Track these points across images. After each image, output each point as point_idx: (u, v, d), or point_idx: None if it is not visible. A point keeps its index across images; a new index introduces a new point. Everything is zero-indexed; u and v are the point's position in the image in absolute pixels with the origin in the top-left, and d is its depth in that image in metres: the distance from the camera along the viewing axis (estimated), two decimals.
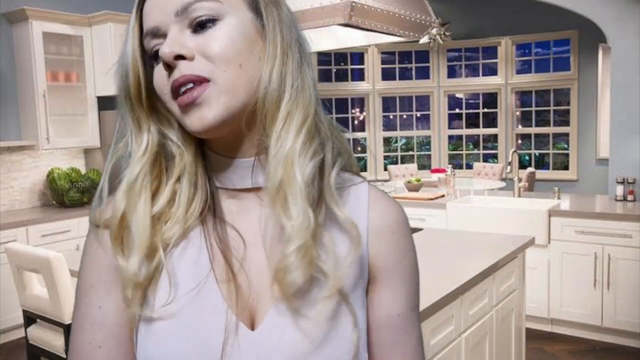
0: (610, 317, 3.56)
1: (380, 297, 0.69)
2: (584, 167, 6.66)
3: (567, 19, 5.50)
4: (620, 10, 3.84)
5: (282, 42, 0.64)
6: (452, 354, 1.99)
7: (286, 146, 0.61)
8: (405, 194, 4.39)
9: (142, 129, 0.65)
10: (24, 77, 4.35)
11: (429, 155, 7.60)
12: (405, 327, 0.70)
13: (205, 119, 0.60)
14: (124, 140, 0.66)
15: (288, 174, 0.61)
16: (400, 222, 0.71)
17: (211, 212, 0.67)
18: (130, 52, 0.63)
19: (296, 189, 0.60)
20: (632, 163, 3.89)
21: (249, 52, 0.62)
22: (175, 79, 0.60)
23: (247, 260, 0.65)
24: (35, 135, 4.33)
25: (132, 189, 0.63)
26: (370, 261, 0.68)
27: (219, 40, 0.60)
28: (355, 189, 0.70)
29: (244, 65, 0.61)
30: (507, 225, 3.58)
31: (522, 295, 2.68)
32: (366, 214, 0.69)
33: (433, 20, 3.28)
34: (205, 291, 0.63)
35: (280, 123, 0.62)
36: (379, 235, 0.69)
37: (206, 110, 0.60)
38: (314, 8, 2.86)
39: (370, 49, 7.29)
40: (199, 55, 0.60)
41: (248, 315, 0.63)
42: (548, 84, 6.89)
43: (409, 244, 0.71)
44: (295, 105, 0.64)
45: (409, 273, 0.71)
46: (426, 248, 2.59)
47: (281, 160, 0.61)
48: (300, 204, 0.60)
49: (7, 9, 4.29)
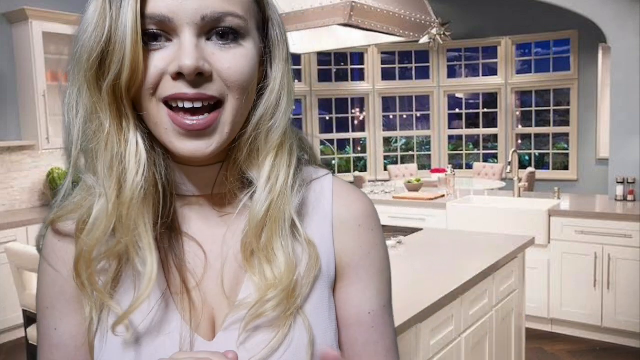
0: (610, 317, 3.56)
1: (348, 295, 0.65)
2: (584, 167, 6.66)
3: (567, 19, 5.50)
4: (620, 10, 3.84)
5: (287, 76, 0.62)
6: (452, 354, 1.99)
7: (280, 181, 0.60)
8: (405, 194, 4.39)
9: (127, 123, 0.57)
10: (24, 77, 4.35)
11: (429, 155, 7.60)
12: (377, 326, 0.66)
13: (208, 149, 0.56)
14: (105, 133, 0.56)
15: (278, 212, 0.59)
16: (367, 215, 0.67)
17: (166, 222, 0.62)
18: (131, 24, 0.52)
19: (285, 230, 0.60)
20: (632, 163, 3.89)
21: (253, 80, 0.59)
22: (185, 92, 0.54)
23: (205, 274, 0.63)
24: (35, 135, 4.33)
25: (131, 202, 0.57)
26: (336, 257, 0.65)
27: (240, 67, 0.56)
28: (318, 184, 0.67)
29: (249, 96, 0.58)
30: (507, 225, 3.58)
31: (522, 295, 2.68)
32: (330, 208, 0.66)
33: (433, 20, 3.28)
34: (161, 309, 0.60)
35: (272, 155, 0.60)
36: (344, 229, 0.65)
37: (211, 140, 0.56)
38: (314, 8, 2.86)
39: (370, 49, 7.29)
40: (217, 75, 0.55)
41: (206, 327, 0.61)
42: (548, 84, 6.89)
43: (376, 237, 0.67)
44: (287, 136, 0.62)
45: (378, 267, 0.67)
46: (426, 248, 2.59)
47: (273, 198, 0.59)
48: (286, 246, 0.59)
49: (7, 9, 4.29)
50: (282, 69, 0.61)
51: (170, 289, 0.61)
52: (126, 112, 0.56)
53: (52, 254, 0.64)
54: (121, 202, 0.56)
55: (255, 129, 0.60)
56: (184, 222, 0.64)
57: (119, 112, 0.56)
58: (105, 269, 0.60)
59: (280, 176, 0.60)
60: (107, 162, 0.56)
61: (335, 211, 0.66)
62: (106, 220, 0.56)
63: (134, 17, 0.52)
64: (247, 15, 0.57)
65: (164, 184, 0.60)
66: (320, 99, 7.52)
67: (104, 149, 0.56)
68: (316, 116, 7.48)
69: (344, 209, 0.66)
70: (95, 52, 0.54)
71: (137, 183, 0.56)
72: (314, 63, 7.40)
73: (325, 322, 0.62)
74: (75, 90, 0.57)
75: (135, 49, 0.53)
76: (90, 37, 0.54)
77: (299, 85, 7.41)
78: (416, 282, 2.04)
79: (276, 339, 0.58)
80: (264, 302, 0.58)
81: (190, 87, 0.54)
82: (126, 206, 0.56)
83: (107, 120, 0.55)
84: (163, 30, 0.54)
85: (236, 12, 0.55)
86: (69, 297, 0.63)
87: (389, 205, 4.21)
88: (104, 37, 0.53)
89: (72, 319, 0.63)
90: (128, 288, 0.60)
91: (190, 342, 0.59)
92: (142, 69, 0.54)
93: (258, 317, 0.58)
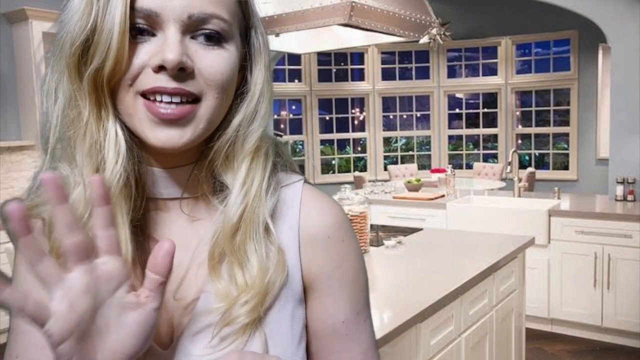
0: (610, 317, 3.56)
1: (322, 305, 0.64)
2: (584, 167, 6.66)
3: (567, 19, 5.50)
4: (620, 10, 3.84)
5: (267, 82, 0.62)
6: (452, 354, 1.99)
7: (255, 184, 0.60)
8: (405, 194, 4.39)
9: (106, 113, 0.56)
10: (24, 77, 4.35)
11: (429, 155, 7.60)
12: (351, 333, 0.65)
13: (181, 140, 0.55)
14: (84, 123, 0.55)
15: (252, 215, 0.59)
16: (337, 225, 0.65)
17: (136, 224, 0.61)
18: (120, 15, 0.53)
19: (259, 234, 0.59)
20: (632, 163, 3.89)
21: (233, 83, 0.59)
22: (164, 86, 0.54)
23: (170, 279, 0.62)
24: (35, 135, 4.33)
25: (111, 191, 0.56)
26: (304, 270, 0.63)
27: (222, 67, 0.57)
28: (287, 191, 0.65)
29: (227, 97, 0.59)
30: (507, 225, 3.58)
31: (522, 295, 2.68)
32: (297, 218, 0.64)
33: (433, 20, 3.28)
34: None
35: (248, 160, 0.60)
36: (312, 241, 0.63)
37: (187, 131, 0.55)
38: (314, 8, 2.86)
39: (370, 49, 7.29)
40: (198, 73, 0.56)
41: (164, 335, 0.59)
42: (548, 84, 6.90)
43: (348, 247, 0.65)
44: (263, 140, 0.62)
45: (351, 277, 0.65)
46: (426, 248, 2.59)
47: (248, 202, 0.59)
48: (259, 250, 0.58)
49: (7, 9, 4.29)
50: (263, 75, 0.62)
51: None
52: (105, 102, 0.56)
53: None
54: None
55: (234, 132, 0.60)
56: (152, 226, 0.62)
57: (98, 102, 0.56)
58: None
59: (256, 180, 0.60)
60: (85, 150, 0.56)
61: (303, 222, 0.63)
62: (82, 209, 0.55)
63: (124, 9, 0.52)
64: (232, 19, 0.58)
65: (137, 179, 0.59)
66: (320, 99, 7.52)
67: (83, 138, 0.56)
68: (316, 116, 7.48)
69: (311, 219, 0.64)
70: (79, 40, 0.54)
71: (116, 172, 0.55)
72: (314, 63, 7.40)
73: (286, 336, 0.61)
74: (55, 76, 0.57)
75: (122, 40, 0.53)
76: (75, 24, 0.54)
77: (299, 85, 7.41)
78: (416, 282, 2.04)
79: (234, 347, 0.57)
80: (238, 305, 0.56)
81: (171, 81, 0.54)
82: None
83: (87, 108, 0.55)
84: (149, 25, 0.55)
85: (222, 16, 0.56)
86: None
87: (389, 205, 4.21)
88: (89, 25, 0.53)
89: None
90: None
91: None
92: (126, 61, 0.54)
93: (229, 324, 0.57)
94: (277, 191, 0.63)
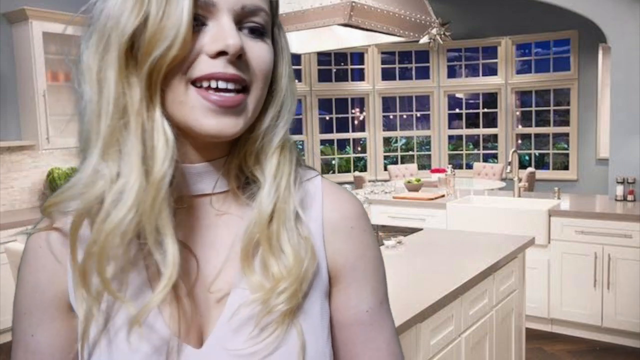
0: (610, 317, 3.56)
1: (346, 296, 0.65)
2: (584, 167, 6.66)
3: (567, 19, 5.51)
4: (620, 10, 3.84)
5: (288, 78, 0.64)
6: (452, 354, 1.99)
7: (284, 180, 0.61)
8: (405, 194, 4.39)
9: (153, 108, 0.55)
10: (24, 77, 4.35)
11: (429, 155, 7.60)
12: (375, 322, 0.66)
13: (236, 128, 0.56)
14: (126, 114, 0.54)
15: (284, 206, 0.60)
16: (358, 216, 0.67)
17: None
18: (188, 4, 0.53)
19: (291, 223, 0.60)
20: (632, 163, 3.89)
21: (270, 75, 0.61)
22: (222, 72, 0.54)
23: (198, 279, 0.61)
24: (35, 135, 4.33)
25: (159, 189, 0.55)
26: (329, 262, 0.64)
27: (266, 59, 0.59)
28: (309, 184, 0.67)
29: (265, 90, 0.60)
30: (507, 225, 3.58)
31: (522, 295, 2.68)
32: (320, 210, 0.65)
33: (433, 20, 3.28)
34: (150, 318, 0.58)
35: (277, 153, 0.62)
36: (336, 232, 0.65)
37: (239, 120, 0.57)
38: (314, 8, 2.86)
39: (370, 49, 7.29)
40: (247, 62, 0.57)
41: (195, 334, 0.60)
42: (548, 84, 6.90)
43: (369, 238, 0.68)
44: (288, 138, 0.64)
45: (374, 266, 0.67)
46: (426, 248, 2.59)
47: (280, 193, 0.60)
48: (292, 239, 0.60)
49: (7, 9, 4.29)
50: (286, 71, 0.63)
51: None
52: (156, 91, 0.55)
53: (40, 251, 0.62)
54: (150, 183, 0.53)
55: (266, 127, 0.61)
56: (179, 224, 0.60)
57: (149, 91, 0.54)
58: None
59: (285, 172, 0.61)
60: (134, 139, 0.54)
61: (326, 213, 0.65)
62: (131, 202, 0.53)
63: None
64: (269, 14, 0.60)
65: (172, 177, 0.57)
66: (320, 99, 7.52)
67: (132, 126, 0.54)
68: (316, 116, 7.48)
69: (334, 211, 0.66)
70: (134, 27, 0.53)
71: (167, 164, 0.54)
72: (314, 63, 7.40)
73: (317, 327, 0.62)
74: (98, 64, 0.55)
75: (189, 28, 0.53)
76: (129, 13, 0.53)
77: (299, 85, 7.41)
78: (416, 282, 2.04)
79: (274, 336, 0.58)
80: (276, 294, 0.57)
81: (229, 67, 0.55)
82: (154, 187, 0.53)
83: (138, 97, 0.54)
84: (204, 13, 0.55)
85: (267, 10, 0.59)
86: (49, 303, 0.62)
87: (389, 205, 4.21)
88: (142, 13, 0.53)
89: (52, 325, 0.62)
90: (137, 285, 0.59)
91: (177, 352, 0.58)
92: None
93: (268, 314, 0.57)
94: (302, 183, 0.65)
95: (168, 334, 0.58)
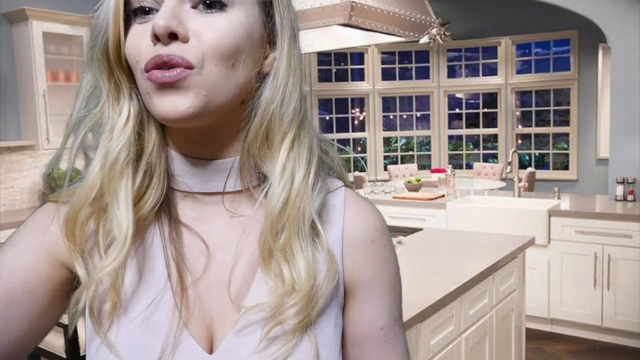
0: (610, 317, 3.56)
1: (362, 312, 0.63)
2: (584, 167, 6.66)
3: (567, 19, 5.50)
4: (620, 10, 3.84)
5: (294, 58, 0.59)
6: (452, 354, 1.99)
7: (297, 178, 0.58)
8: (405, 194, 4.39)
9: (123, 95, 0.57)
10: (24, 77, 4.35)
11: (429, 155, 7.60)
12: (389, 340, 0.64)
13: (179, 108, 0.53)
14: (100, 105, 0.57)
15: (297, 211, 0.57)
16: (380, 230, 0.65)
17: (165, 212, 0.61)
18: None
19: (304, 232, 0.57)
20: (632, 163, 3.89)
21: (247, 53, 0.56)
22: (160, 54, 0.52)
23: (207, 273, 0.60)
24: (35, 135, 4.33)
25: (112, 167, 0.56)
26: (346, 275, 0.62)
27: (221, 31, 0.54)
28: (333, 196, 0.64)
29: (236, 66, 0.55)
30: (507, 225, 3.58)
31: (522, 295, 2.68)
32: (341, 222, 0.63)
33: (433, 20, 3.28)
34: (160, 309, 0.58)
35: (286, 146, 0.58)
36: (355, 245, 0.63)
37: (182, 99, 0.53)
38: (314, 8, 2.86)
39: (370, 49, 7.29)
40: (195, 39, 0.53)
41: (205, 337, 0.58)
42: (548, 84, 6.89)
43: (389, 253, 0.65)
44: (304, 130, 0.60)
45: (391, 282, 0.65)
46: (426, 248, 2.59)
47: (292, 193, 0.57)
48: (306, 250, 0.57)
49: (7, 9, 4.29)
50: (287, 50, 0.59)
51: (172, 286, 0.59)
52: (122, 86, 0.57)
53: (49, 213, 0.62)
54: (105, 167, 0.56)
55: (264, 114, 0.57)
56: (192, 222, 0.61)
57: (117, 86, 0.57)
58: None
59: (298, 171, 0.58)
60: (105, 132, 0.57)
61: (347, 226, 0.63)
62: (91, 181, 0.56)
63: None
64: None
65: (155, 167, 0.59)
66: (320, 99, 7.52)
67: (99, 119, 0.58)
68: (316, 116, 7.48)
69: (355, 223, 0.63)
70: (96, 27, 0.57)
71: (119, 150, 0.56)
72: (314, 63, 7.39)
73: (331, 341, 0.60)
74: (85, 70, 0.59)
75: (116, 17, 0.54)
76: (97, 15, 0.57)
77: None
78: (416, 282, 2.04)
79: (284, 350, 0.56)
80: (286, 307, 0.55)
81: (167, 50, 0.53)
82: (108, 168, 0.56)
83: (105, 91, 0.57)
84: (152, 7, 0.55)
85: None
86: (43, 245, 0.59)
87: (389, 205, 4.21)
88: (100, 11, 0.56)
89: (33, 260, 0.58)
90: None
91: (174, 342, 0.57)
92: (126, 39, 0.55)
93: (279, 324, 0.56)
94: (323, 191, 0.61)
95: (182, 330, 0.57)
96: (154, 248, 0.60)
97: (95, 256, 0.58)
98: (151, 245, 0.60)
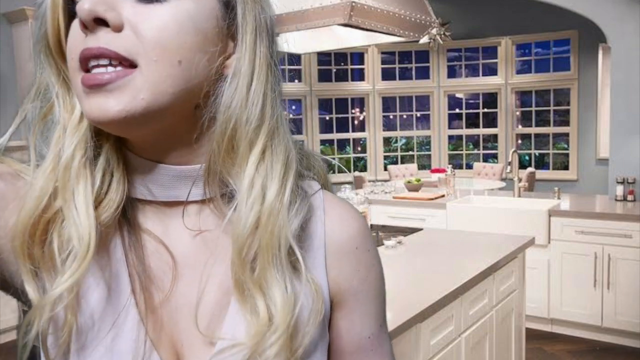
0: (610, 317, 3.56)
1: (350, 323, 0.60)
2: (584, 167, 6.66)
3: (567, 19, 5.50)
4: (620, 10, 3.84)
5: (260, 57, 0.52)
6: (452, 354, 1.99)
7: (269, 196, 0.50)
8: (405, 194, 4.39)
9: (73, 97, 0.51)
10: (24, 77, 4.35)
11: (429, 155, 7.60)
12: (376, 347, 0.61)
13: (109, 112, 0.46)
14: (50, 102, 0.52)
15: (270, 235, 0.50)
16: (362, 234, 0.60)
17: (125, 218, 0.54)
18: None
19: (280, 259, 0.50)
20: (632, 163, 3.89)
21: (198, 49, 0.49)
22: (88, 47, 0.46)
23: (174, 292, 0.53)
24: None
25: (67, 168, 0.49)
26: (331, 286, 0.57)
27: (161, 21, 0.47)
28: (312, 200, 0.59)
29: (185, 64, 0.48)
30: (507, 225, 3.58)
31: (522, 295, 2.68)
32: (322, 229, 0.57)
33: (433, 20, 3.28)
34: (125, 332, 0.51)
35: (255, 158, 0.51)
36: (339, 254, 0.58)
37: (112, 102, 0.46)
38: (314, 8, 2.86)
39: (370, 49, 7.29)
40: (130, 30, 0.46)
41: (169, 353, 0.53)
42: (548, 84, 6.89)
43: (372, 257, 0.61)
44: (278, 140, 0.52)
45: (377, 288, 0.61)
46: (426, 248, 2.59)
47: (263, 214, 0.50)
48: (282, 280, 0.50)
49: (7, 9, 4.29)
50: (250, 47, 0.51)
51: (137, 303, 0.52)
52: (68, 84, 0.52)
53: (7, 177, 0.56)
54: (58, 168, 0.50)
55: (225, 121, 0.50)
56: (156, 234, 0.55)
57: (65, 82, 0.52)
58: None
59: (270, 188, 0.51)
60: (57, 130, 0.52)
61: (329, 233, 0.58)
62: (42, 184, 0.50)
63: None
64: None
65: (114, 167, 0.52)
66: (320, 99, 7.52)
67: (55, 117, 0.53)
68: (316, 116, 7.48)
69: (337, 230, 0.58)
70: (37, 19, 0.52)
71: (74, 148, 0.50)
72: (314, 63, 7.40)
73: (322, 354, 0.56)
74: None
75: (54, 7, 0.49)
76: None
77: (299, 85, 7.41)
78: (416, 282, 2.04)
79: None
80: (265, 347, 0.49)
81: (95, 42, 0.46)
82: (62, 170, 0.50)
83: (54, 88, 0.52)
84: None
85: None
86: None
87: (389, 205, 4.21)
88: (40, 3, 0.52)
89: None
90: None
91: None
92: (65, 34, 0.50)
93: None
94: (303, 209, 0.54)
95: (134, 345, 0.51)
96: (116, 259, 0.53)
97: (50, 272, 0.49)
98: (114, 256, 0.53)
